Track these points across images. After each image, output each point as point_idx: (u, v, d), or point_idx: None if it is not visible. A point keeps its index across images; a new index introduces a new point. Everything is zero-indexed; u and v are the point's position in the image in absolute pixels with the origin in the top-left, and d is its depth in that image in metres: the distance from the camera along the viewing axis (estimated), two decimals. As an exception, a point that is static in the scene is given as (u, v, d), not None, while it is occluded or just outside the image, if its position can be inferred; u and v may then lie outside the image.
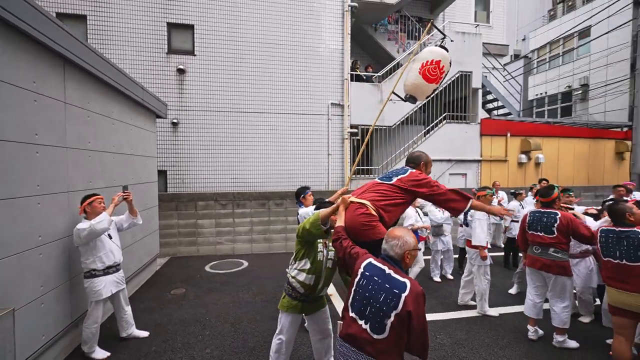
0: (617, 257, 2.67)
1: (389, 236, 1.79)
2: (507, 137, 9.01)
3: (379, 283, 1.66)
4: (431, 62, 3.09)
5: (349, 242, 2.01)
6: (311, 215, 3.53)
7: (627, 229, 2.69)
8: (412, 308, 1.54)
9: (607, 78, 14.67)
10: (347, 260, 1.94)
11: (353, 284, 1.80)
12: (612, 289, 2.73)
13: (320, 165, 7.79)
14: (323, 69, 7.76)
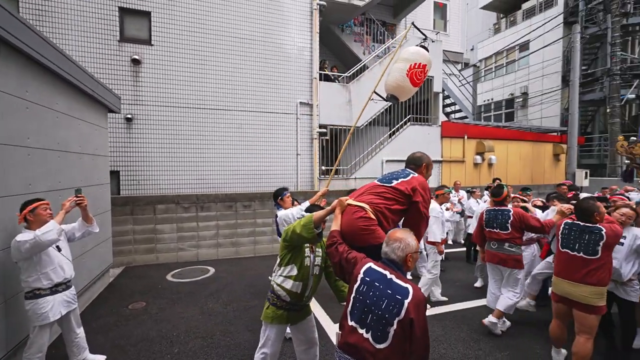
0: (576, 250, 2.80)
1: (390, 238, 1.71)
2: (464, 139, 9.58)
3: (381, 289, 1.57)
4: (419, 65, 3.07)
5: (344, 246, 1.90)
6: (294, 217, 3.42)
7: (591, 225, 2.83)
8: (414, 315, 1.47)
9: (543, 88, 16.35)
10: (344, 266, 1.83)
11: (352, 290, 1.69)
12: (558, 279, 2.88)
13: (289, 165, 7.60)
14: (291, 67, 7.58)
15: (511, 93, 18.37)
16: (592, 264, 2.67)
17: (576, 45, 10.09)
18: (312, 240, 2.22)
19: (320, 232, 2.21)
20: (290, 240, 2.27)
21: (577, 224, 2.89)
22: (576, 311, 2.75)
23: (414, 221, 2.14)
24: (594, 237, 2.73)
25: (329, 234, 2.03)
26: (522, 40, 16.56)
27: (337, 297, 2.58)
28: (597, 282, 2.64)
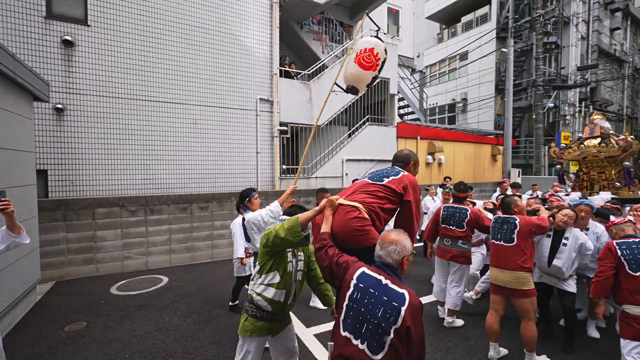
0: (499, 239, 3.04)
1: (385, 241, 1.61)
2: (417, 140, 10.10)
3: (376, 296, 1.47)
4: (364, 50, 3.09)
5: (335, 249, 1.77)
6: (264, 219, 3.20)
7: (509, 215, 3.10)
8: (411, 323, 1.40)
9: (480, 95, 18.05)
10: (334, 271, 1.69)
11: (344, 298, 1.57)
12: (493, 268, 3.07)
13: (249, 164, 7.25)
14: (251, 61, 7.23)
15: (453, 98, 19.96)
16: (509, 251, 2.91)
17: (510, 57, 11.26)
18: (298, 244, 2.05)
19: (307, 234, 2.05)
20: (272, 246, 2.07)
21: (500, 217, 3.15)
22: (512, 299, 2.95)
23: (407, 220, 2.10)
24: (510, 226, 2.98)
25: (319, 236, 1.89)
26: (461, 51, 18.09)
27: (321, 301, 2.46)
28: (516, 268, 2.84)
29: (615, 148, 4.05)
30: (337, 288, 1.72)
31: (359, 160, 8.94)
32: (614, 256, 2.55)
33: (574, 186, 4.71)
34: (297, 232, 1.94)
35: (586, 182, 4.47)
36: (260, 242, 2.18)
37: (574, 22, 16.07)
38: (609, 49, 18.11)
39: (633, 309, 2.39)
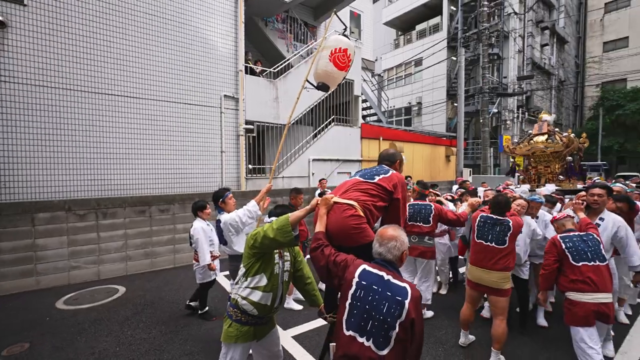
0: (489, 240, 3.01)
1: (384, 238, 1.63)
2: (380, 140, 10.45)
3: (379, 292, 1.49)
4: (339, 49, 3.13)
5: (331, 249, 1.75)
6: (241, 220, 3.06)
7: (502, 217, 3.07)
8: (414, 315, 1.46)
9: (433, 99, 19.24)
10: (332, 270, 1.67)
11: (346, 297, 1.56)
12: (473, 267, 3.07)
13: (213, 163, 6.92)
14: (215, 56, 6.91)
15: (409, 102, 21.02)
16: (501, 253, 2.94)
17: (461, 65, 12.16)
18: (288, 245, 2.00)
19: (297, 234, 2.00)
20: (260, 247, 1.99)
21: (490, 217, 3.11)
22: (490, 296, 3.00)
23: (395, 218, 2.15)
24: (504, 229, 2.98)
25: (314, 236, 1.85)
26: (416, 57, 19.15)
27: (308, 301, 2.41)
28: (503, 268, 2.92)
29: (559, 144, 4.56)
30: (335, 287, 1.70)
31: (325, 160, 9.01)
32: (558, 250, 2.71)
33: (524, 179, 5.18)
34: (288, 232, 1.88)
35: (534, 175, 4.94)
36: (246, 244, 2.09)
37: (512, 37, 17.86)
38: (540, 62, 20.42)
39: (575, 295, 2.56)
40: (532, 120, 20.18)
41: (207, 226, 3.86)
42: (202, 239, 3.71)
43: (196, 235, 3.73)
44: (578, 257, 2.58)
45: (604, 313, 2.45)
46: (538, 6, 20.31)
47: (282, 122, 8.12)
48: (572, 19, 25.30)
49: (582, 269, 2.53)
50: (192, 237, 3.78)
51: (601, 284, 2.47)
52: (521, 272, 3.53)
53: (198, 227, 3.76)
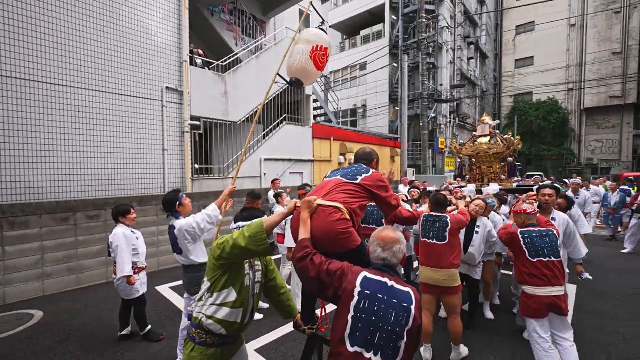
0: (431, 238, 3.03)
1: (386, 241, 1.52)
2: (331, 140, 10.53)
3: (385, 300, 1.38)
4: (320, 48, 2.99)
5: (321, 257, 1.57)
6: (200, 225, 2.71)
7: (440, 214, 3.11)
8: (420, 320, 1.39)
9: (377, 102, 20.15)
10: (325, 281, 1.49)
11: (348, 309, 1.40)
12: (424, 267, 3.05)
13: (154, 163, 6.19)
14: (155, 44, 6.19)
15: (355, 104, 21.70)
16: (442, 249, 2.94)
17: (404, 71, 12.90)
18: (263, 254, 1.77)
19: (274, 242, 1.80)
20: (229, 258, 1.74)
21: (431, 214, 3.13)
22: (442, 297, 2.98)
23: (388, 212, 2.13)
24: (442, 224, 3.01)
25: (299, 243, 1.66)
26: (361, 61, 19.87)
27: (282, 313, 2.20)
28: (449, 265, 2.91)
29: (501, 146, 5.01)
30: (328, 300, 1.53)
31: (277, 160, 8.75)
32: (516, 245, 2.75)
33: (470, 179, 5.59)
34: (262, 240, 1.66)
35: (478, 175, 5.36)
36: (211, 254, 1.81)
37: (446, 49, 19.60)
38: (467, 73, 22.78)
39: (530, 289, 2.63)
40: (461, 125, 22.42)
41: (132, 234, 3.35)
42: (122, 247, 3.18)
43: (116, 242, 3.19)
44: (534, 253, 2.65)
45: (556, 305, 2.55)
46: (465, 23, 22.64)
47: (232, 119, 7.66)
48: (491, 37, 28.79)
49: (537, 264, 2.62)
50: (110, 246, 3.25)
51: (554, 278, 2.57)
52: (474, 272, 3.56)
53: (119, 232, 3.23)
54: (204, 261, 2.86)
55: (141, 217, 5.61)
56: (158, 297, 4.58)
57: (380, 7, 19.86)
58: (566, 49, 26.57)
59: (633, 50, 24.20)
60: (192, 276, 2.84)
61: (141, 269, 3.41)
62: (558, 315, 2.59)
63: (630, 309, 4.16)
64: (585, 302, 4.34)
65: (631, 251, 6.88)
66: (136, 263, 3.33)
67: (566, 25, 26.27)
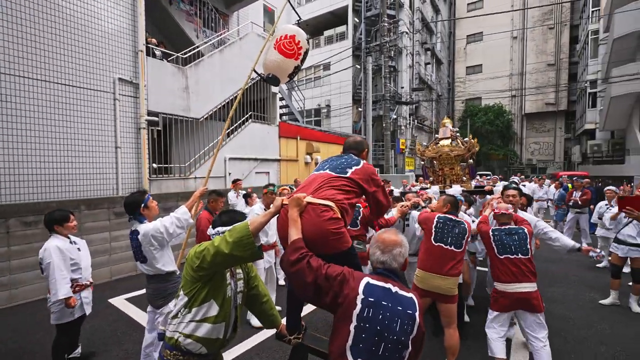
0: (448, 243, 2.83)
1: (387, 244, 1.41)
2: (297, 140, 10.40)
3: (390, 308, 1.28)
4: (285, 36, 2.92)
5: (318, 259, 1.43)
6: (168, 230, 2.44)
7: (458, 218, 2.98)
8: (424, 328, 1.33)
9: (341, 103, 20.39)
10: (323, 286, 1.36)
11: (350, 318, 1.28)
12: (427, 273, 2.81)
13: (105, 161, 5.60)
14: (106, 31, 5.60)
15: (319, 104, 21.74)
16: (458, 256, 2.81)
17: (368, 72, 13.17)
18: (251, 259, 1.63)
19: (261, 245, 1.65)
20: (211, 267, 1.56)
21: (450, 218, 2.95)
22: (441, 304, 2.80)
23: (379, 211, 2.04)
24: (461, 230, 2.86)
25: (291, 245, 1.51)
26: (325, 62, 19.96)
27: (264, 323, 2.05)
28: (458, 273, 2.80)
29: (462, 148, 5.24)
30: (324, 307, 1.41)
31: (242, 159, 8.43)
32: (487, 242, 2.79)
33: (433, 180, 5.77)
34: (249, 244, 1.52)
35: (441, 177, 5.56)
36: (187, 265, 1.62)
37: (405, 53, 20.41)
38: (424, 77, 23.94)
39: (501, 285, 2.66)
40: (419, 127, 23.51)
41: (71, 245, 2.83)
42: (55, 264, 2.61)
43: (47, 259, 2.63)
44: (502, 250, 2.67)
45: (526, 300, 2.55)
46: (423, 30, 23.78)
47: (194, 116, 7.21)
48: (445, 44, 30.58)
49: (504, 261, 2.64)
50: (41, 262, 2.68)
51: (521, 275, 2.58)
52: None
53: (51, 246, 2.67)
54: (171, 270, 2.60)
55: (90, 223, 5.05)
56: (112, 311, 4.13)
57: (343, 8, 20.11)
58: (509, 59, 29.10)
59: (564, 63, 27.23)
60: (158, 287, 2.56)
61: (84, 287, 2.81)
62: (530, 312, 2.57)
63: (574, 294, 4.60)
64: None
65: (570, 242, 7.66)
66: (78, 280, 2.77)
67: (509, 37, 28.78)
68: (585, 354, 3.13)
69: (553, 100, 27.38)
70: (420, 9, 22.80)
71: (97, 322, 3.77)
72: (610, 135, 19.82)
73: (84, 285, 2.83)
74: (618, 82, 15.04)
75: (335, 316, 1.36)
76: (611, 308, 4.14)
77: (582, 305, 4.25)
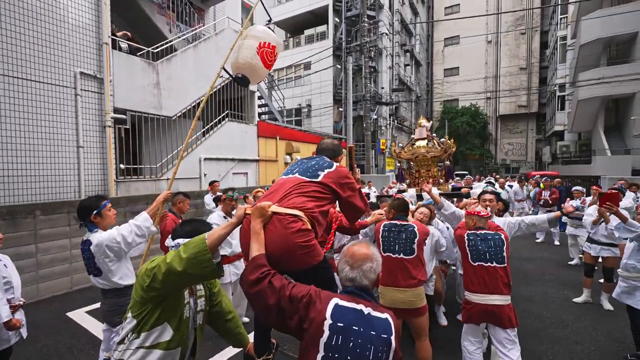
0: (397, 252, 2.57)
1: (356, 258, 1.26)
2: (277, 139, 10.16)
3: (362, 333, 1.13)
4: (268, 45, 2.76)
5: (282, 278, 1.27)
6: (126, 239, 2.20)
7: (405, 222, 2.68)
8: (400, 353, 1.19)
9: (321, 103, 20.27)
10: (286, 309, 1.19)
11: (316, 346, 1.12)
12: (386, 288, 2.61)
13: (65, 162, 5.18)
14: (66, 20, 5.18)
15: (299, 103, 21.53)
16: (410, 265, 2.58)
17: (349, 73, 13.11)
18: (208, 277, 1.42)
19: (220, 261, 1.43)
20: (164, 287, 1.35)
21: (395, 223, 2.69)
22: (410, 319, 2.61)
23: (355, 216, 1.92)
24: (409, 235, 2.62)
25: (252, 262, 1.32)
26: (305, 61, 19.78)
27: (230, 342, 1.87)
28: (416, 284, 2.56)
29: (438, 149, 5.13)
30: (290, 332, 1.23)
31: (218, 160, 8.11)
32: (462, 247, 2.60)
33: (410, 183, 5.64)
34: (206, 261, 1.30)
35: (417, 179, 5.40)
36: (137, 284, 1.40)
37: (385, 54, 20.57)
38: (404, 79, 24.26)
39: (470, 296, 2.47)
40: (399, 127, 23.80)
41: None
42: None
43: None
44: (476, 257, 2.47)
45: (495, 314, 2.36)
46: (402, 31, 24.09)
47: (166, 114, 6.85)
48: (424, 46, 31.18)
49: (477, 269, 2.45)
50: None
51: (494, 286, 2.39)
52: (427, 288, 3.19)
53: None
54: (130, 283, 2.34)
55: (47, 229, 4.63)
56: (70, 326, 3.78)
57: (324, 8, 20.00)
58: (484, 62, 30.06)
59: (535, 67, 28.44)
60: (115, 302, 2.31)
61: (17, 307, 2.39)
62: (499, 326, 2.38)
63: (549, 293, 4.67)
64: (514, 289, 4.75)
65: (543, 240, 7.90)
66: (11, 300, 2.36)
67: (485, 41, 29.72)
68: (561, 354, 3.14)
69: (525, 103, 28.53)
70: (399, 10, 23.07)
71: (52, 340, 3.43)
72: (577, 137, 20.84)
73: (17, 305, 2.41)
74: (584, 86, 15.81)
75: (301, 343, 1.19)
76: (585, 306, 4.23)
77: (558, 303, 4.31)
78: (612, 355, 3.13)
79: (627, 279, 3.08)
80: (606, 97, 15.82)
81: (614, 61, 16.23)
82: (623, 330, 3.50)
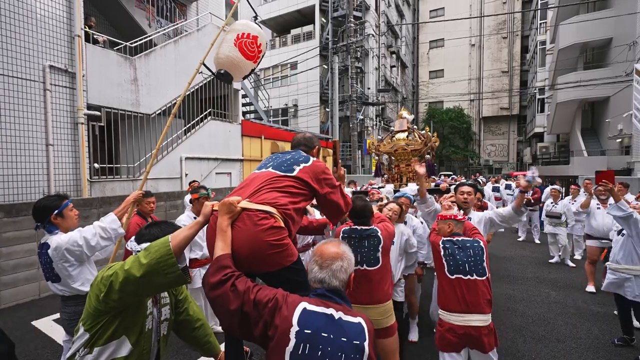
0: (358, 263, 2.17)
1: (324, 257, 1.16)
2: (262, 139, 10.00)
3: (331, 340, 1.03)
4: (247, 35, 2.64)
5: (247, 281, 1.16)
6: (89, 242, 2.03)
7: (366, 227, 2.26)
8: (374, 356, 1.10)
9: (308, 102, 20.17)
10: (251, 316, 1.09)
11: (282, 357, 1.02)
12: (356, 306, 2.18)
13: (33, 161, 4.88)
14: (35, 12, 4.89)
15: (286, 103, 21.36)
16: (376, 276, 2.19)
17: (335, 73, 13.06)
18: (174, 284, 1.26)
19: (186, 267, 1.31)
20: (122, 298, 1.20)
21: (354, 229, 2.27)
22: (378, 340, 2.19)
23: (335, 215, 1.81)
24: (373, 241, 2.21)
25: (215, 262, 1.21)
26: (291, 60, 19.64)
27: (200, 350, 1.74)
28: (384, 298, 2.20)
29: (418, 142, 4.97)
30: (254, 341, 1.12)
31: (201, 159, 7.89)
32: (437, 257, 2.24)
33: (388, 178, 5.45)
34: (170, 266, 1.16)
35: (396, 174, 5.22)
36: (92, 293, 1.25)
37: (371, 55, 20.67)
38: (390, 80, 24.47)
39: (446, 315, 2.12)
40: (386, 128, 23.96)
41: None
42: None
43: None
44: (454, 268, 2.12)
45: (474, 337, 2.03)
46: (388, 33, 24.30)
47: (144, 111, 6.59)
48: (410, 49, 31.57)
49: (455, 283, 2.11)
50: None
51: (474, 303, 2.05)
52: (396, 294, 2.76)
53: None
54: (93, 289, 2.17)
55: (12, 232, 4.34)
56: (36, 335, 3.53)
57: (310, 7, 19.93)
58: (468, 65, 30.70)
59: (516, 70, 29.25)
60: (75, 310, 2.12)
61: None
62: (480, 351, 2.06)
63: (531, 291, 4.72)
64: (498, 287, 4.78)
65: (524, 239, 8.05)
66: None
67: (468, 44, 30.35)
68: (544, 353, 3.14)
69: (507, 105, 29.28)
70: (385, 12, 23.25)
71: (15, 351, 3.18)
72: (556, 139, 21.51)
73: None
74: (563, 89, 16.31)
75: (266, 352, 1.08)
76: (564, 304, 4.28)
77: (540, 302, 4.35)
78: (592, 352, 3.15)
79: (617, 271, 3.14)
80: (583, 100, 16.37)
81: (590, 65, 16.82)
82: (602, 327, 3.59)
